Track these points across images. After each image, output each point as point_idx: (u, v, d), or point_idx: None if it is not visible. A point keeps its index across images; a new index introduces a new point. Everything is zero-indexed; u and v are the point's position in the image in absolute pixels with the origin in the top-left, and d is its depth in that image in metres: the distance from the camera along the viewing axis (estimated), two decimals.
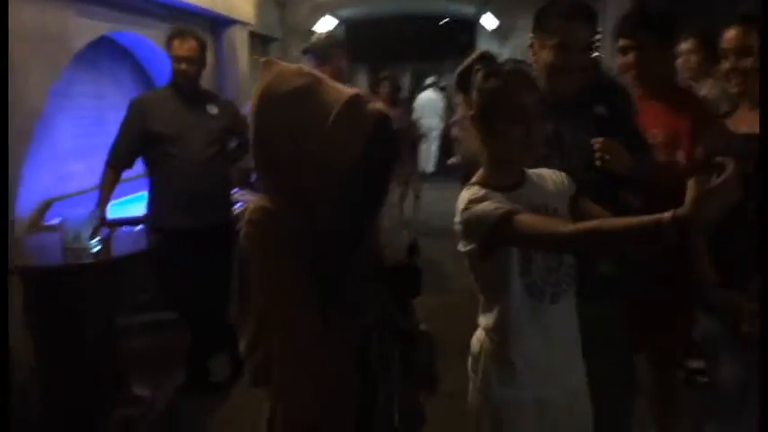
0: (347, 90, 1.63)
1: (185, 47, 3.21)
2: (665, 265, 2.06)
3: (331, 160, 1.50)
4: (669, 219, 1.25)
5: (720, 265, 1.94)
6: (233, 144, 3.55)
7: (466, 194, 1.61)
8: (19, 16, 3.20)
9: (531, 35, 2.08)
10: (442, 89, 13.84)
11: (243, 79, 6.42)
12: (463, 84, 1.65)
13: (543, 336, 1.63)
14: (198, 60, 3.27)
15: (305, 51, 3.51)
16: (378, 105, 1.56)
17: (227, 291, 3.45)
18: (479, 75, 1.60)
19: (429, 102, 11.38)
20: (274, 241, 1.51)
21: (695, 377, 3.04)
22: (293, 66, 1.65)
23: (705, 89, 3.12)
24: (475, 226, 1.53)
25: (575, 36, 1.97)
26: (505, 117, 1.56)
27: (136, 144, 3.21)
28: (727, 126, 2.07)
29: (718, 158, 1.31)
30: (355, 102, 1.54)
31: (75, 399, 2.87)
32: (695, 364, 2.93)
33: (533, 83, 1.63)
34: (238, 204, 3.66)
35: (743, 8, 2.19)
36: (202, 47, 3.29)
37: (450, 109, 12.53)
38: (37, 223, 3.60)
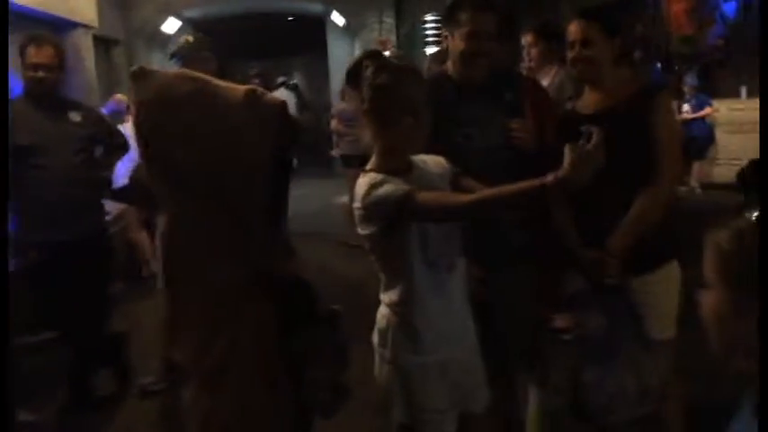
0: (240, 87, 1.71)
1: (42, 54, 3.05)
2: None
3: (239, 155, 1.58)
4: (552, 180, 1.46)
5: (581, 225, 2.22)
6: (99, 151, 3.43)
7: (364, 181, 1.73)
8: None
9: (444, 28, 2.33)
10: (294, 88, 13.85)
11: (90, 84, 6.13)
12: (353, 79, 1.77)
13: (443, 303, 1.80)
14: (57, 67, 3.12)
15: (172, 56, 3.43)
16: (273, 96, 1.66)
17: (107, 302, 3.34)
18: (369, 70, 1.73)
19: None
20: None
21: (559, 335, 3.37)
22: (174, 71, 1.70)
23: (549, 76, 3.46)
24: (380, 207, 1.65)
25: (482, 25, 2.20)
26: (397, 109, 1.70)
27: None
28: (575, 107, 2.37)
29: (588, 127, 1.53)
30: (254, 95, 1.63)
31: None
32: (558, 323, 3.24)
33: (420, 76, 1.79)
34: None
35: (581, 4, 2.51)
36: (60, 53, 3.14)
37: (303, 107, 12.57)
38: None
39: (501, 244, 2.21)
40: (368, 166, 1.81)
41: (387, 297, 1.86)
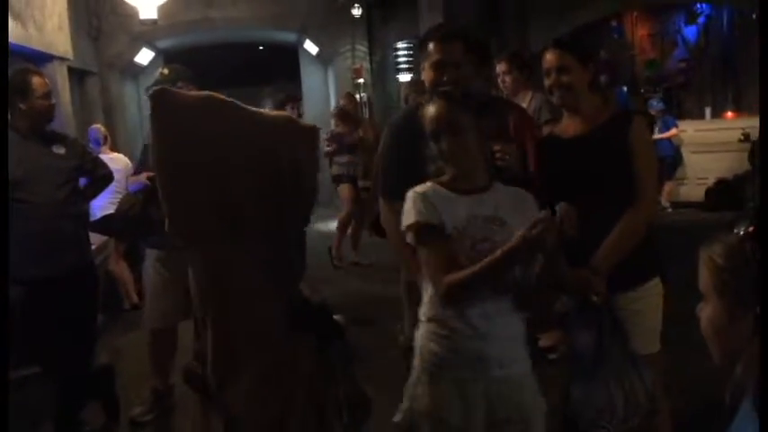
0: (274, 112, 1.76)
1: (43, 82, 3.11)
2: None
3: (280, 182, 1.60)
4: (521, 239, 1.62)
5: (565, 245, 2.29)
6: (84, 183, 3.44)
7: (420, 186, 1.81)
8: None
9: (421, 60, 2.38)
10: None
11: (66, 115, 6.10)
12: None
13: (486, 323, 1.80)
14: (51, 97, 3.17)
15: (149, 90, 3.44)
16: (306, 122, 1.72)
17: (93, 336, 3.32)
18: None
19: None
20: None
21: (545, 355, 3.43)
22: (198, 94, 1.69)
23: (525, 102, 3.57)
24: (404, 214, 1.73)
25: (449, 55, 2.26)
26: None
27: None
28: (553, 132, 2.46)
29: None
30: (292, 120, 1.68)
31: None
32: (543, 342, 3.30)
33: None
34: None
35: (549, 31, 2.62)
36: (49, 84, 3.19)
37: None
38: None
39: None
40: (443, 177, 1.90)
41: (428, 313, 1.86)
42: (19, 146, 3.09)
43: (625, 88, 10.10)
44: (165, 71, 3.49)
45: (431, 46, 2.30)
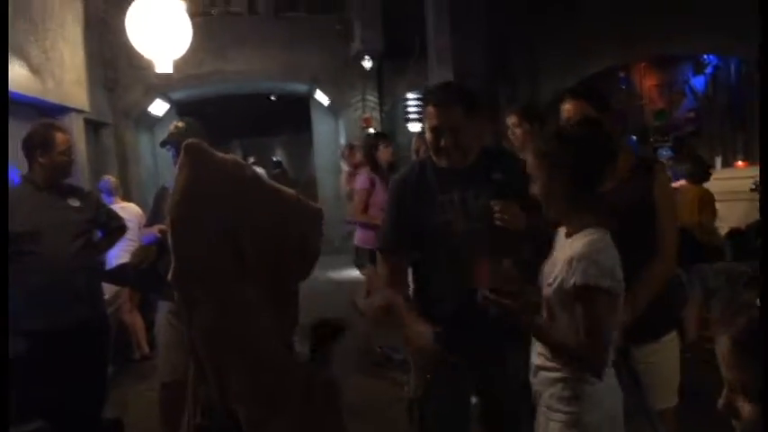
0: (286, 189, 1.85)
1: (66, 139, 3.17)
2: None
3: (290, 246, 1.68)
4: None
5: None
6: (97, 235, 3.46)
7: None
8: None
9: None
10: (278, 165, 14.27)
11: (81, 166, 6.18)
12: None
13: None
14: (72, 153, 3.23)
15: (163, 144, 3.49)
16: (313, 203, 1.85)
17: (103, 389, 3.29)
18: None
19: None
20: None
21: None
22: (225, 156, 1.76)
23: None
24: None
25: (446, 120, 2.23)
26: None
27: None
28: None
29: None
30: (300, 199, 1.77)
31: None
32: None
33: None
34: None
35: (562, 85, 2.65)
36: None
37: (292, 184, 13.06)
38: None
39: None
40: None
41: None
42: (32, 197, 3.12)
43: (635, 137, 10.17)
44: (180, 124, 3.54)
45: (430, 109, 2.28)
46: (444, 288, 2.28)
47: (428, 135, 2.29)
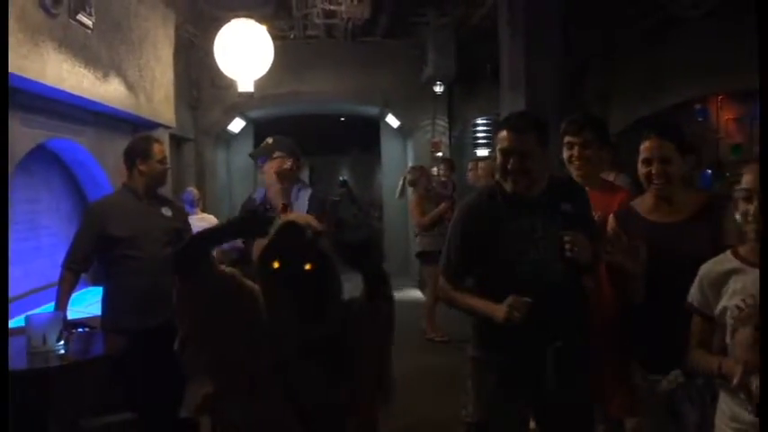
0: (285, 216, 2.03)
1: (162, 149, 3.47)
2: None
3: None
4: None
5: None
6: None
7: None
8: None
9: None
10: (344, 184, 14.69)
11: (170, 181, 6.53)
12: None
13: None
14: (167, 163, 3.50)
15: (252, 156, 3.75)
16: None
17: (182, 386, 3.50)
18: None
19: None
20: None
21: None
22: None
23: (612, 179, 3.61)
24: None
25: (519, 145, 2.31)
26: None
27: (93, 248, 3.31)
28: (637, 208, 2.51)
29: None
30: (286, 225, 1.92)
31: None
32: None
33: None
34: None
35: (635, 116, 2.71)
36: None
37: (353, 201, 13.49)
38: None
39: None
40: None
41: None
42: (132, 205, 3.40)
43: (709, 171, 9.91)
44: (270, 141, 3.78)
45: (503, 133, 2.35)
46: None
47: (499, 158, 2.36)
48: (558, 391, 2.34)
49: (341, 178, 20.61)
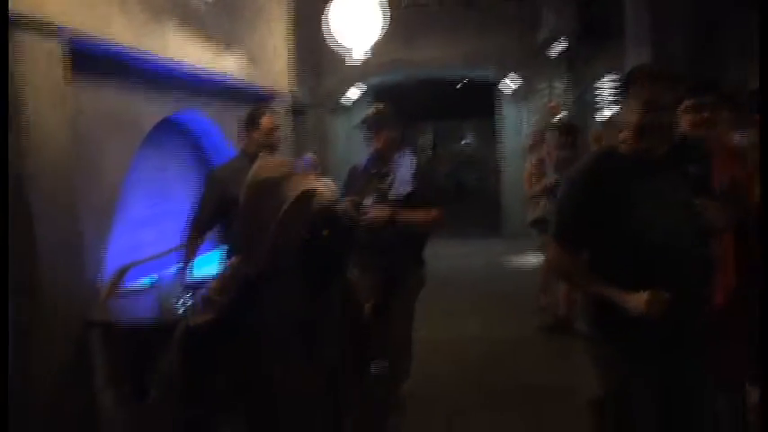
0: (304, 186, 2.09)
1: (272, 119, 3.67)
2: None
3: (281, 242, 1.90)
4: None
5: None
6: None
7: None
8: (96, 102, 3.57)
9: (622, 99, 2.23)
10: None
11: (287, 147, 6.79)
12: None
13: None
14: (277, 131, 3.75)
15: (357, 126, 3.85)
16: (323, 199, 2.06)
17: None
18: None
19: None
20: None
21: None
22: (278, 159, 2.13)
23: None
24: None
25: (658, 96, 2.11)
26: None
27: (214, 211, 3.53)
28: None
29: None
30: (304, 196, 2.01)
31: None
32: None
33: None
34: None
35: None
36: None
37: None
38: (115, 287, 3.87)
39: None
40: None
41: None
42: (246, 167, 3.59)
43: None
44: (374, 110, 3.85)
45: (637, 85, 2.16)
46: (632, 289, 2.09)
47: (633, 115, 2.15)
48: (684, 361, 2.22)
49: (463, 142, 20.92)
